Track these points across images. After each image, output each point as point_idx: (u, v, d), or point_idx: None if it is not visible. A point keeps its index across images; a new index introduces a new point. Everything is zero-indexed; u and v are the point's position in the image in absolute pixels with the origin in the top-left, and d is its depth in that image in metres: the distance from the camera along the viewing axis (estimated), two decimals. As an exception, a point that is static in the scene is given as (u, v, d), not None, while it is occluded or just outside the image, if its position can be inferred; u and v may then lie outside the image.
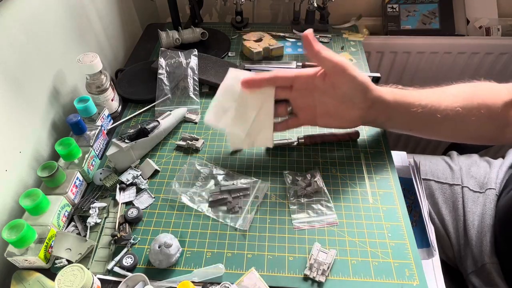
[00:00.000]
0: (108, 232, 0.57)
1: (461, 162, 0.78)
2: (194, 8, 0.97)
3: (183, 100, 0.78)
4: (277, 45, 0.90)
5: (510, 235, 0.63)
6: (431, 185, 0.77)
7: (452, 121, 0.53)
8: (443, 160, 0.81)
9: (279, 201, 0.60)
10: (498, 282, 0.62)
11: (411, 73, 1.15)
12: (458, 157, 0.81)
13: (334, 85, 0.53)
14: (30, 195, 0.53)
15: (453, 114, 0.53)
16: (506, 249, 0.63)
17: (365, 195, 0.60)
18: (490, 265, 0.64)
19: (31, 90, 0.63)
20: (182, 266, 0.52)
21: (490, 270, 0.63)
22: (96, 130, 0.67)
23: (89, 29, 0.83)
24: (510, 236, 0.63)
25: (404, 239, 0.54)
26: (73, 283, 0.45)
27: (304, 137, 0.68)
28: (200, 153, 0.69)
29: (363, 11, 1.12)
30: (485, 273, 0.64)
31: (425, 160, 0.81)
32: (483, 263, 0.65)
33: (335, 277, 0.50)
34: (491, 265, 0.64)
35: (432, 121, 0.55)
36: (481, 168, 0.76)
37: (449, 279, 0.72)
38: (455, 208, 0.73)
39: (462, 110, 0.52)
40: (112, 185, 0.62)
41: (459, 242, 0.71)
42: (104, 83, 0.71)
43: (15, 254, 0.50)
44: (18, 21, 0.60)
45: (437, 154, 0.86)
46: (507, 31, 1.08)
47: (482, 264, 0.65)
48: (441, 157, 0.82)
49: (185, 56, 0.83)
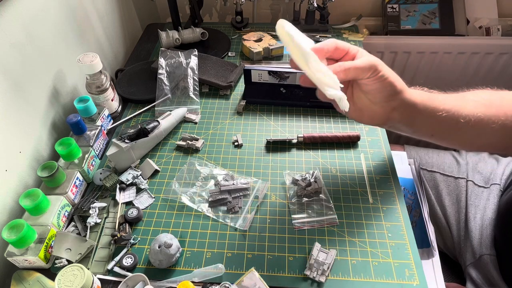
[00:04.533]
0: (108, 232, 0.57)
1: (469, 157, 0.80)
2: (194, 8, 0.97)
3: (183, 100, 0.78)
4: (277, 45, 0.90)
5: (507, 229, 0.63)
6: (436, 177, 0.78)
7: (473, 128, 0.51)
8: (451, 155, 0.82)
9: (279, 201, 0.60)
10: (493, 273, 0.64)
11: (411, 73, 1.15)
12: (466, 153, 0.82)
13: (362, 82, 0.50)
14: (30, 195, 0.53)
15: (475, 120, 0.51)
16: (503, 243, 0.64)
17: (365, 195, 0.60)
18: (488, 257, 0.65)
19: (31, 90, 0.63)
20: (182, 266, 0.52)
21: (487, 261, 0.65)
22: (96, 130, 0.67)
23: (89, 29, 0.83)
24: (508, 230, 0.63)
25: (404, 239, 0.54)
26: (73, 283, 0.45)
27: (304, 136, 0.68)
28: (200, 153, 0.69)
29: (363, 11, 1.12)
30: (482, 264, 0.65)
31: (433, 153, 0.83)
32: (481, 254, 0.66)
33: (335, 277, 0.50)
34: (489, 256, 0.65)
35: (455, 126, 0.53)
36: (488, 164, 0.77)
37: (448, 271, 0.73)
38: (458, 200, 0.74)
39: (483, 117, 0.51)
40: (112, 185, 0.62)
41: (459, 234, 0.72)
42: (104, 83, 0.71)
43: (15, 254, 0.50)
44: (18, 21, 0.60)
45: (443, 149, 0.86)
46: (507, 31, 1.08)
47: (480, 256, 0.66)
48: (450, 152, 0.83)
49: (185, 56, 0.83)
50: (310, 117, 0.75)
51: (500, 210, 0.68)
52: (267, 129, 0.73)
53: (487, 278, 0.65)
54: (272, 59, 0.90)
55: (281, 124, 0.74)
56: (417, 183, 0.73)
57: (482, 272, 0.66)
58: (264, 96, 0.78)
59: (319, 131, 0.71)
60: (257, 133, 0.72)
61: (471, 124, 0.51)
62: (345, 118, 0.74)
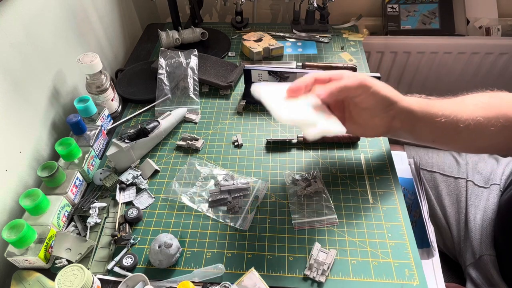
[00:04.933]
0: (108, 232, 0.57)
1: (469, 157, 0.80)
2: (194, 8, 0.97)
3: (183, 100, 0.78)
4: (277, 45, 0.90)
5: (508, 229, 0.64)
6: (436, 177, 0.78)
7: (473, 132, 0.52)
8: (451, 155, 0.82)
9: (279, 201, 0.60)
10: (493, 274, 0.64)
11: (411, 73, 1.15)
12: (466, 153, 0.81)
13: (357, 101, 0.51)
14: (30, 195, 0.53)
15: (474, 124, 0.52)
16: (503, 243, 0.64)
17: (365, 195, 0.60)
18: (488, 257, 0.65)
19: (31, 90, 0.63)
20: (182, 266, 0.52)
21: (487, 261, 0.65)
22: (96, 130, 0.67)
23: (89, 29, 0.83)
24: (508, 230, 0.63)
25: (404, 239, 0.54)
26: (73, 283, 0.45)
27: (304, 136, 0.68)
28: (200, 153, 0.69)
29: (363, 11, 1.12)
30: (482, 264, 0.66)
31: (433, 153, 0.83)
32: (481, 255, 0.66)
33: (335, 277, 0.50)
34: (489, 257, 0.65)
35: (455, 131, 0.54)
36: (488, 164, 0.77)
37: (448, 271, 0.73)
38: (458, 201, 0.74)
39: (483, 120, 0.52)
40: (112, 185, 0.62)
41: (459, 234, 0.72)
42: (104, 83, 0.71)
43: (15, 254, 0.50)
44: (18, 21, 0.60)
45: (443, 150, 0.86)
46: (507, 31, 1.08)
47: (480, 256, 0.66)
48: (449, 152, 0.83)
49: (185, 56, 0.83)
50: (310, 117, 0.75)
51: (500, 210, 0.68)
52: (267, 129, 0.73)
53: (487, 278, 0.65)
54: (272, 59, 0.91)
55: (281, 124, 0.74)
56: (417, 183, 0.73)
57: (482, 272, 0.66)
58: (264, 96, 0.78)
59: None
60: (257, 133, 0.72)
61: (470, 128, 0.52)
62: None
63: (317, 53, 0.92)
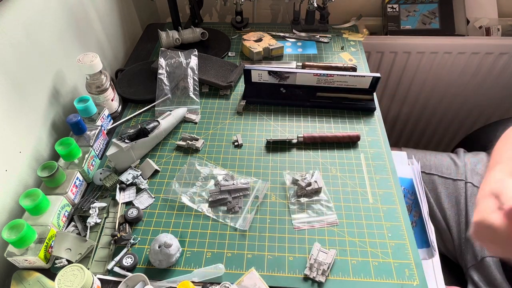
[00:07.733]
0: (108, 232, 0.57)
1: (467, 159, 0.79)
2: (194, 8, 0.97)
3: (183, 100, 0.78)
4: (277, 45, 0.90)
5: None
6: (435, 179, 0.78)
7: None
8: (449, 157, 0.82)
9: (279, 201, 0.60)
10: (497, 276, 0.63)
11: (411, 73, 1.15)
12: (464, 154, 0.82)
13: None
14: (30, 195, 0.53)
15: None
16: None
17: (365, 195, 0.60)
18: (490, 259, 0.64)
19: (31, 90, 0.63)
20: (182, 266, 0.52)
21: (489, 263, 0.64)
22: (96, 130, 0.67)
23: (89, 29, 0.83)
24: None
25: (404, 239, 0.54)
26: (73, 283, 0.45)
27: (304, 136, 0.68)
28: (200, 153, 0.69)
29: (363, 11, 1.11)
30: (485, 267, 0.65)
31: (430, 155, 0.82)
32: (483, 256, 0.66)
33: (335, 277, 0.50)
34: (491, 259, 0.64)
35: None
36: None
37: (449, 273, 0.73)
38: (457, 202, 0.74)
39: None
40: (112, 185, 0.62)
41: (460, 236, 0.72)
42: (104, 83, 0.71)
43: (15, 254, 0.50)
44: (18, 21, 0.60)
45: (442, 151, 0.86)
46: (507, 31, 1.08)
47: (482, 258, 0.65)
48: (447, 154, 0.83)
49: (185, 56, 0.83)
50: (310, 117, 0.75)
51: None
52: (267, 129, 0.73)
53: (490, 280, 0.64)
54: (272, 59, 0.90)
55: (281, 124, 0.74)
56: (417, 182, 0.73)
57: (484, 275, 0.65)
58: (264, 96, 0.78)
59: (319, 131, 0.71)
60: (257, 133, 0.72)
61: None
62: (345, 118, 0.74)
63: (317, 53, 0.93)
